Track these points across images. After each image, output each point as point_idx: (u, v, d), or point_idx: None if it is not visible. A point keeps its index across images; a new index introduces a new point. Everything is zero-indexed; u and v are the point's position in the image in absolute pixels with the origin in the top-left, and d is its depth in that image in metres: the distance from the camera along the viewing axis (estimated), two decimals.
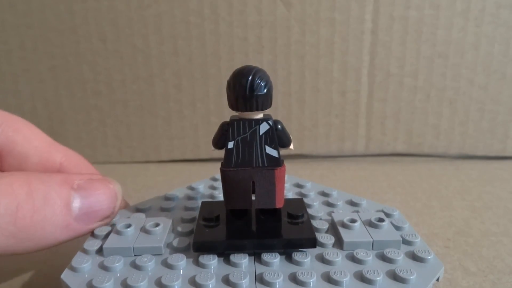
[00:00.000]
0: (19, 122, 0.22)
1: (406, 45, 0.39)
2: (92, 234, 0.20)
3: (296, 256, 0.18)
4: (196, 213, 0.22)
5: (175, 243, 0.19)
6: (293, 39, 0.39)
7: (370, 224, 0.20)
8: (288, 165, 0.19)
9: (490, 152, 0.41)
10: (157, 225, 0.19)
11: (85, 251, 0.18)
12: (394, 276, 0.16)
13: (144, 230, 0.19)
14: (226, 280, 0.16)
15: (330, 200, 0.24)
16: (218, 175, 0.27)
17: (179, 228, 0.20)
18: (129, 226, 0.19)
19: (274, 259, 0.17)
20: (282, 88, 0.40)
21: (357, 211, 0.22)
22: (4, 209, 0.16)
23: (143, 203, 0.24)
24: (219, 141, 0.18)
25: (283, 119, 0.19)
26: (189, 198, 0.25)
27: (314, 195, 0.25)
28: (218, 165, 0.19)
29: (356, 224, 0.19)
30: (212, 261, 0.17)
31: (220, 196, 0.25)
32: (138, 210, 0.23)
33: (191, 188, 0.26)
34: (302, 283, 0.16)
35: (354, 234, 0.19)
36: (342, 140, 0.42)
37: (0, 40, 0.39)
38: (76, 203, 0.18)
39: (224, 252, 0.18)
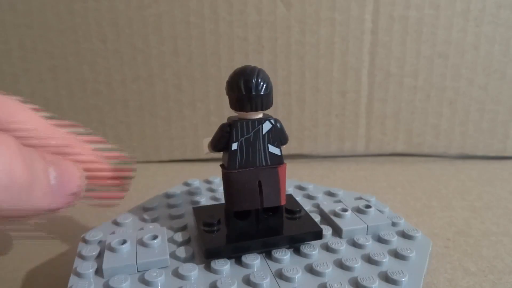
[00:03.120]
0: (13, 104, 0.21)
1: (406, 45, 0.39)
2: (79, 255, 0.18)
3: (304, 249, 0.18)
4: (185, 221, 0.21)
5: (178, 253, 0.18)
6: (293, 39, 0.39)
7: (358, 211, 0.21)
8: (288, 165, 0.19)
9: (490, 152, 0.41)
10: (155, 237, 0.18)
11: (80, 275, 0.17)
12: (396, 255, 0.18)
13: (141, 243, 0.18)
14: (247, 281, 0.16)
15: (310, 193, 0.25)
16: (191, 180, 0.27)
17: (176, 237, 0.19)
18: (124, 242, 0.18)
19: (285, 256, 0.18)
20: (282, 88, 0.40)
21: (339, 201, 0.23)
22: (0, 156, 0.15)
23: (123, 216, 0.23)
24: (219, 143, 0.18)
25: (283, 119, 0.19)
26: (170, 206, 0.24)
27: (292, 190, 0.26)
28: (218, 165, 0.19)
29: (347, 212, 0.21)
30: (225, 266, 0.17)
31: (202, 201, 0.25)
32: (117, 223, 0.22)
33: (169, 196, 0.26)
34: (320, 274, 0.17)
35: (349, 222, 0.20)
36: (342, 140, 0.42)
37: (0, 40, 0.39)
38: (52, 173, 0.18)
39: (233, 255, 0.18)
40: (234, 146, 0.18)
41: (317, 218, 0.21)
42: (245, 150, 0.18)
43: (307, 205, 0.23)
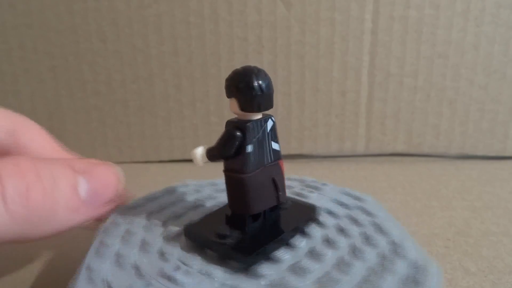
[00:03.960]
0: (33, 129, 0.21)
1: (406, 45, 0.39)
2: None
3: (308, 230, 0.19)
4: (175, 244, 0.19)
5: (210, 273, 0.16)
6: (293, 39, 0.39)
7: (316, 188, 0.24)
8: (288, 165, 0.19)
9: (490, 152, 0.41)
10: (178, 268, 0.16)
11: None
12: (366, 212, 0.21)
13: (168, 278, 0.16)
14: (294, 270, 0.16)
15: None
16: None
17: (190, 261, 0.17)
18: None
19: (302, 242, 0.18)
20: (282, 88, 0.40)
21: (291, 186, 0.25)
22: (14, 191, 0.15)
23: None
24: (230, 150, 0.17)
25: (283, 119, 0.20)
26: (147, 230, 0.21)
27: None
28: (218, 165, 0.18)
29: (313, 194, 0.23)
30: (269, 271, 0.17)
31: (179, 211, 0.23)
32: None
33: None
34: (335, 242, 0.18)
35: (317, 199, 0.22)
36: (342, 140, 0.42)
37: (0, 40, 0.39)
38: (83, 186, 0.17)
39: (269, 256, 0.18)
40: (249, 148, 0.17)
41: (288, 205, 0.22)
42: (258, 151, 0.18)
43: None
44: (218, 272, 0.16)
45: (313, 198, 0.22)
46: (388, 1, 0.37)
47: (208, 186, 0.25)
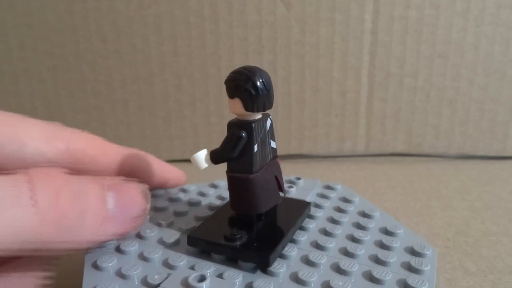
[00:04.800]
0: (85, 140, 0.21)
1: (406, 45, 0.39)
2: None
3: (306, 224, 0.20)
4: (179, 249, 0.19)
5: (230, 278, 0.16)
6: (293, 39, 0.39)
7: (292, 183, 0.25)
8: (288, 165, 0.20)
9: (490, 152, 0.41)
10: (202, 278, 0.16)
11: None
12: (346, 200, 0.23)
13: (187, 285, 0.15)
14: (307, 262, 0.17)
15: None
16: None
17: (209, 272, 0.17)
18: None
19: (304, 237, 0.19)
20: (282, 88, 0.40)
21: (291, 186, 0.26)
22: (43, 193, 0.15)
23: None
24: (236, 152, 0.17)
25: (283, 119, 0.20)
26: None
27: None
28: (218, 165, 0.18)
29: (293, 188, 0.24)
30: (282, 269, 0.17)
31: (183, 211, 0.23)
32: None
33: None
34: (331, 235, 0.19)
35: (301, 194, 0.24)
36: (342, 140, 0.42)
37: (0, 40, 0.39)
38: (110, 199, 0.17)
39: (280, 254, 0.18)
40: (255, 148, 0.17)
41: None
42: (261, 150, 0.18)
43: None
44: (236, 275, 0.16)
45: (293, 193, 0.24)
46: (388, 1, 0.37)
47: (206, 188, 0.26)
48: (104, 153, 0.22)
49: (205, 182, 0.26)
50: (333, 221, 0.21)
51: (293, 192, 0.24)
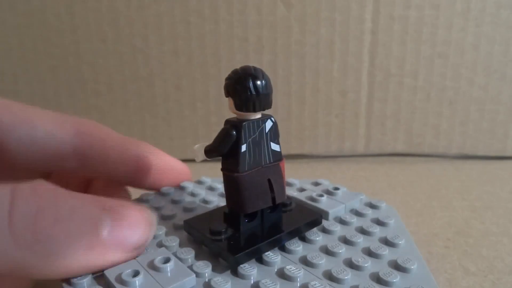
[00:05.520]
0: (92, 125, 0.22)
1: (406, 45, 0.39)
2: (67, 281, 0.15)
3: (310, 236, 0.19)
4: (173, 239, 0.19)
5: (197, 268, 0.17)
6: (293, 39, 0.39)
7: (328, 193, 0.23)
8: (288, 165, 0.19)
9: (490, 152, 0.41)
10: (166, 260, 0.16)
11: None
12: (379, 222, 0.21)
13: (154, 268, 0.16)
14: (282, 275, 0.17)
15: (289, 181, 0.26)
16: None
17: (182, 254, 0.18)
18: (136, 273, 0.16)
19: (299, 247, 0.18)
20: (282, 88, 0.40)
21: (303, 189, 0.24)
22: (21, 213, 0.13)
23: None
24: (224, 148, 0.17)
25: (283, 119, 0.20)
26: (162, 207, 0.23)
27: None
28: (218, 165, 0.19)
29: (323, 197, 0.22)
30: (253, 271, 0.17)
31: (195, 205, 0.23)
32: None
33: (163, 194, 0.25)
34: (334, 254, 0.18)
35: (329, 205, 0.22)
36: (342, 140, 0.42)
37: (0, 40, 0.39)
38: (105, 224, 0.15)
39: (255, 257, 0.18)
40: (243, 147, 0.17)
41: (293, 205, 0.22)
42: (252, 151, 0.18)
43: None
44: (207, 270, 0.17)
45: (323, 202, 0.22)
46: (388, 1, 0.37)
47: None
48: (111, 138, 0.22)
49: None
50: (346, 241, 0.19)
51: (322, 201, 0.22)
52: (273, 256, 0.17)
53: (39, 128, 0.19)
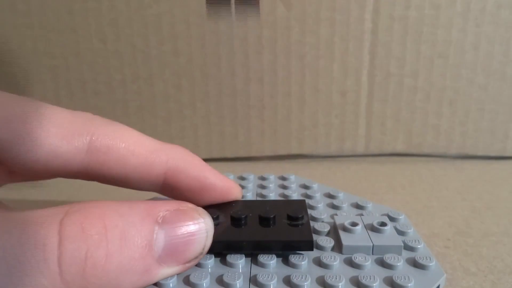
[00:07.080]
0: (112, 136, 0.18)
1: (406, 45, 0.39)
2: None
3: (293, 258, 0.17)
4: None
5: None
6: (293, 39, 0.39)
7: (372, 228, 0.19)
8: (288, 165, 0.19)
9: (490, 152, 0.41)
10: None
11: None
12: (391, 283, 0.16)
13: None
14: (220, 280, 0.16)
15: (335, 202, 0.23)
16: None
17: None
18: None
19: (271, 261, 0.17)
20: (282, 88, 0.40)
21: (361, 214, 0.22)
22: (70, 258, 0.12)
23: None
24: None
25: (283, 119, 0.19)
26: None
27: (319, 196, 0.25)
28: (218, 165, 0.19)
29: (357, 227, 0.19)
30: (209, 261, 0.17)
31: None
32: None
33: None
34: (296, 286, 0.16)
35: (354, 238, 0.19)
36: (342, 140, 0.42)
37: (0, 40, 0.39)
38: (160, 241, 0.14)
39: (222, 252, 0.18)
40: None
41: (326, 228, 0.20)
42: None
43: (325, 214, 0.22)
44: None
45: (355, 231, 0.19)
46: (388, 1, 0.37)
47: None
48: (135, 153, 0.18)
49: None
50: (321, 265, 0.17)
51: (357, 230, 0.19)
52: (237, 260, 0.18)
53: (41, 145, 0.16)
